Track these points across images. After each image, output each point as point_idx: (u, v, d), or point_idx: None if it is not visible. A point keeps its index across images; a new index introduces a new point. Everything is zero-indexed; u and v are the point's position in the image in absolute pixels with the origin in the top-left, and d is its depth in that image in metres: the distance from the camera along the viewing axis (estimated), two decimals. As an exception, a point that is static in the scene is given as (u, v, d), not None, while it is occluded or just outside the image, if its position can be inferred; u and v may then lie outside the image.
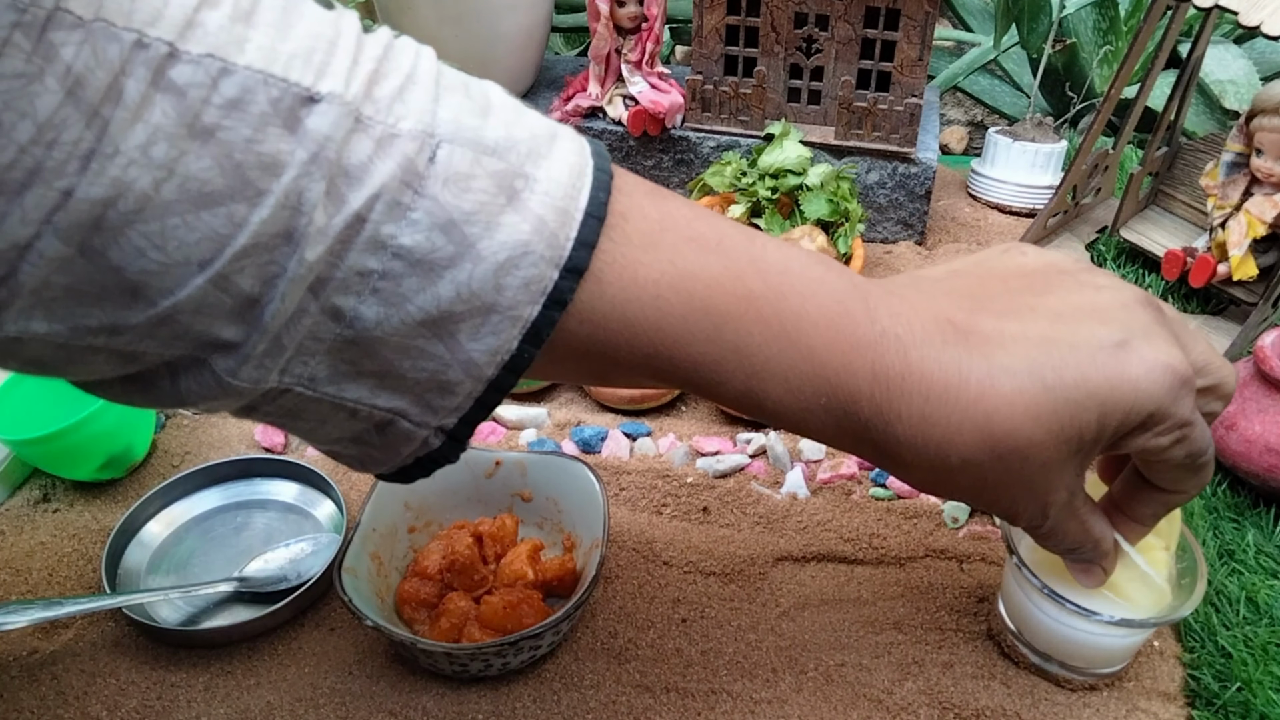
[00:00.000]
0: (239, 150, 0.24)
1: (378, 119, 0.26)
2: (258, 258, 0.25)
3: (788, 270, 0.31)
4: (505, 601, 0.48)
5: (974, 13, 1.39)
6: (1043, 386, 0.31)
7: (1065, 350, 0.32)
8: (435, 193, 0.26)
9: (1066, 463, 0.33)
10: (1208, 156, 0.78)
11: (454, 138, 0.27)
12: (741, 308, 0.30)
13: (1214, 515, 0.57)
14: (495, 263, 0.27)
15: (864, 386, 0.31)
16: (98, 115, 0.22)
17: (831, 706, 0.47)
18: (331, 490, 0.57)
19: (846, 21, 0.77)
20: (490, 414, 0.30)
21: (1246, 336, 0.69)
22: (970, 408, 0.31)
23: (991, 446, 0.31)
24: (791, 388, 0.31)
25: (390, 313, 0.27)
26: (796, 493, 0.59)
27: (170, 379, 0.27)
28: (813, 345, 0.31)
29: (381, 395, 0.29)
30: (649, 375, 0.31)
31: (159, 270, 0.24)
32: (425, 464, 0.31)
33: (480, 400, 0.29)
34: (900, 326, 0.32)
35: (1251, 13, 0.61)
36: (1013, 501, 0.34)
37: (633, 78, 0.83)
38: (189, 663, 0.49)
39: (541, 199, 0.27)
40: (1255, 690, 0.46)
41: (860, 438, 0.32)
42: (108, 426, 0.56)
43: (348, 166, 0.25)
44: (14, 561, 0.55)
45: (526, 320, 0.28)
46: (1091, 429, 0.32)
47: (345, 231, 0.25)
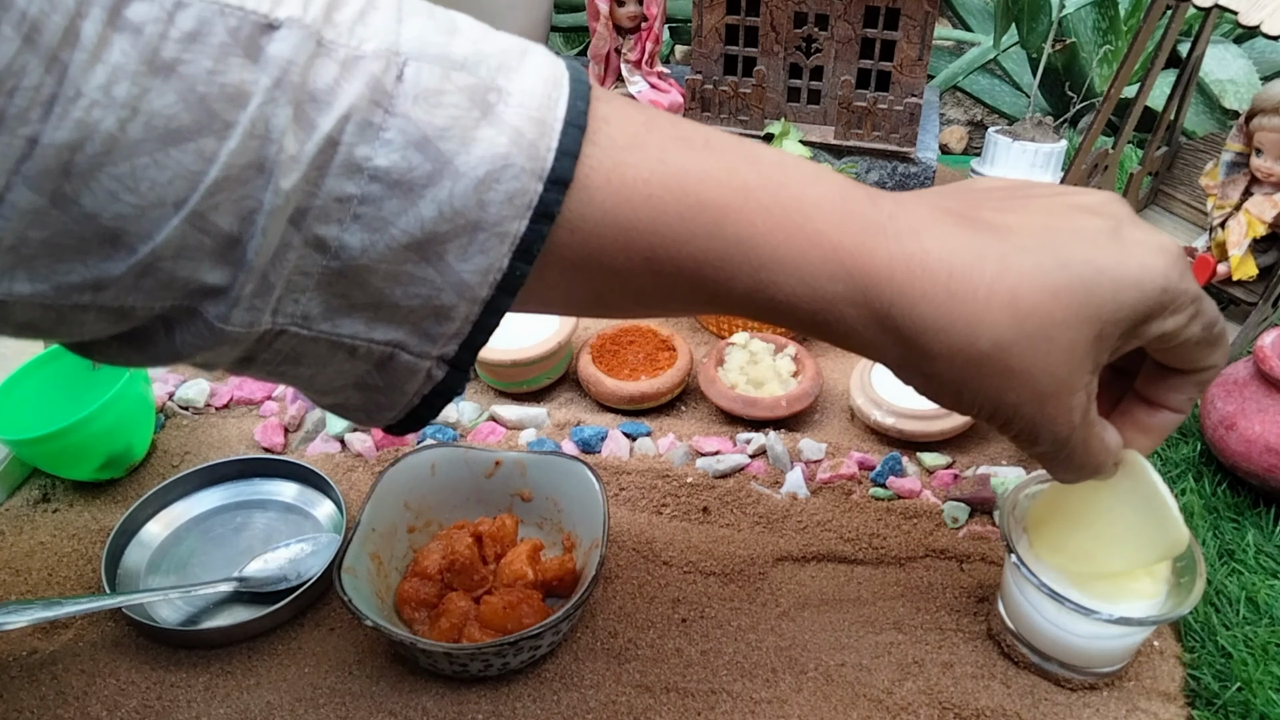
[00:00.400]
0: (201, 83, 0.24)
1: (340, 41, 0.26)
2: (232, 192, 0.25)
3: (782, 163, 0.31)
4: (505, 601, 0.48)
5: (974, 12, 1.39)
6: (1058, 263, 0.31)
7: (1069, 234, 0.32)
8: (406, 110, 0.26)
9: (1089, 349, 0.32)
10: (1207, 156, 0.78)
11: (420, 55, 0.26)
12: (740, 199, 0.29)
13: (1214, 515, 0.57)
14: (475, 178, 0.26)
15: (882, 268, 0.30)
16: (56, 59, 0.22)
17: (831, 706, 0.47)
18: (331, 490, 0.57)
19: (846, 21, 0.77)
20: (488, 338, 0.29)
21: (1246, 336, 0.69)
22: (995, 283, 0.30)
23: (1019, 323, 0.30)
24: (804, 276, 0.30)
25: (375, 238, 0.26)
26: (796, 493, 0.59)
27: (165, 333, 0.27)
28: (820, 229, 0.29)
29: (378, 328, 0.28)
30: (650, 285, 0.30)
31: (134, 214, 0.24)
32: (432, 400, 0.31)
33: (478, 324, 0.28)
34: (906, 212, 0.31)
35: (1251, 12, 0.61)
36: (1039, 404, 0.32)
37: (632, 77, 0.83)
38: (189, 663, 0.49)
39: (516, 110, 0.27)
40: (1255, 690, 0.46)
41: (883, 327, 0.30)
42: (108, 426, 0.56)
43: (314, 90, 0.25)
44: (14, 561, 0.55)
45: (515, 235, 0.27)
46: (1109, 306, 0.31)
47: (318, 157, 0.25)
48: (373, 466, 0.61)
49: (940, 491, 0.59)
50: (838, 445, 0.62)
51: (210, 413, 0.66)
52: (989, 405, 0.33)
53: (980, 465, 0.61)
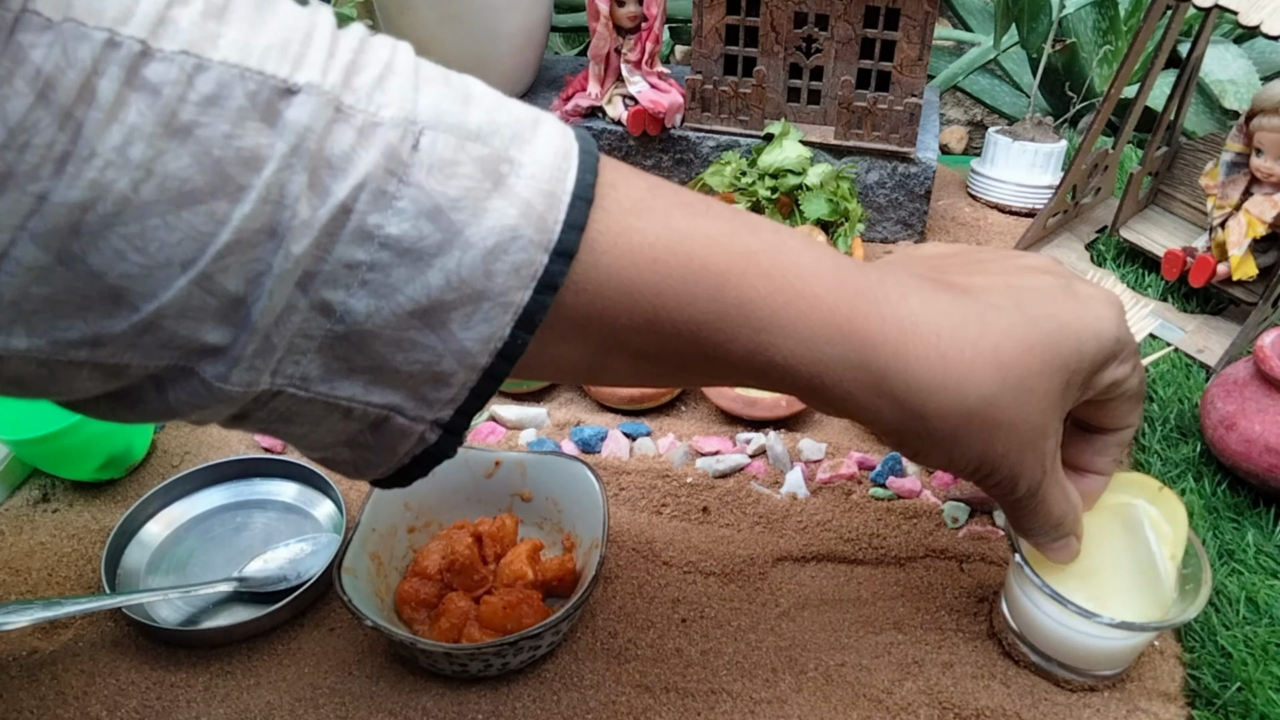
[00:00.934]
0: (218, 146, 0.24)
1: (358, 108, 0.25)
2: (241, 255, 0.24)
3: (778, 229, 0.32)
4: (505, 601, 0.48)
5: (974, 13, 1.39)
6: (1028, 319, 0.33)
7: (1031, 294, 0.35)
8: (420, 180, 0.26)
9: (1059, 397, 0.34)
10: (1207, 156, 0.78)
11: (437, 124, 0.26)
12: (741, 264, 0.30)
13: (1214, 515, 0.57)
14: (484, 249, 0.26)
15: (875, 332, 0.31)
16: (71, 117, 0.22)
17: (831, 706, 0.47)
18: (331, 490, 0.57)
19: (846, 21, 0.77)
20: (484, 404, 0.29)
21: (1246, 336, 0.69)
22: (979, 342, 0.32)
23: (1002, 378, 0.32)
24: (802, 339, 0.30)
25: (381, 304, 0.26)
26: (796, 493, 0.59)
27: (157, 391, 0.27)
28: (818, 293, 0.31)
29: (375, 391, 0.28)
30: (652, 349, 0.31)
31: (141, 274, 0.24)
32: (423, 461, 0.31)
33: (475, 390, 0.29)
34: (891, 278, 0.33)
35: (1251, 12, 0.61)
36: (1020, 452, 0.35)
37: (632, 77, 0.83)
38: (189, 663, 0.49)
39: (528, 183, 0.27)
40: (1255, 690, 0.46)
41: (880, 390, 0.32)
42: (108, 426, 0.56)
43: (330, 157, 0.25)
44: (14, 561, 0.55)
45: (518, 306, 0.27)
46: (1074, 357, 0.34)
47: (331, 223, 0.25)
48: (373, 466, 0.61)
49: (940, 491, 0.59)
50: (838, 445, 0.62)
51: (210, 413, 0.66)
52: (977, 458, 0.35)
53: (980, 465, 0.61)
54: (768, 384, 0.32)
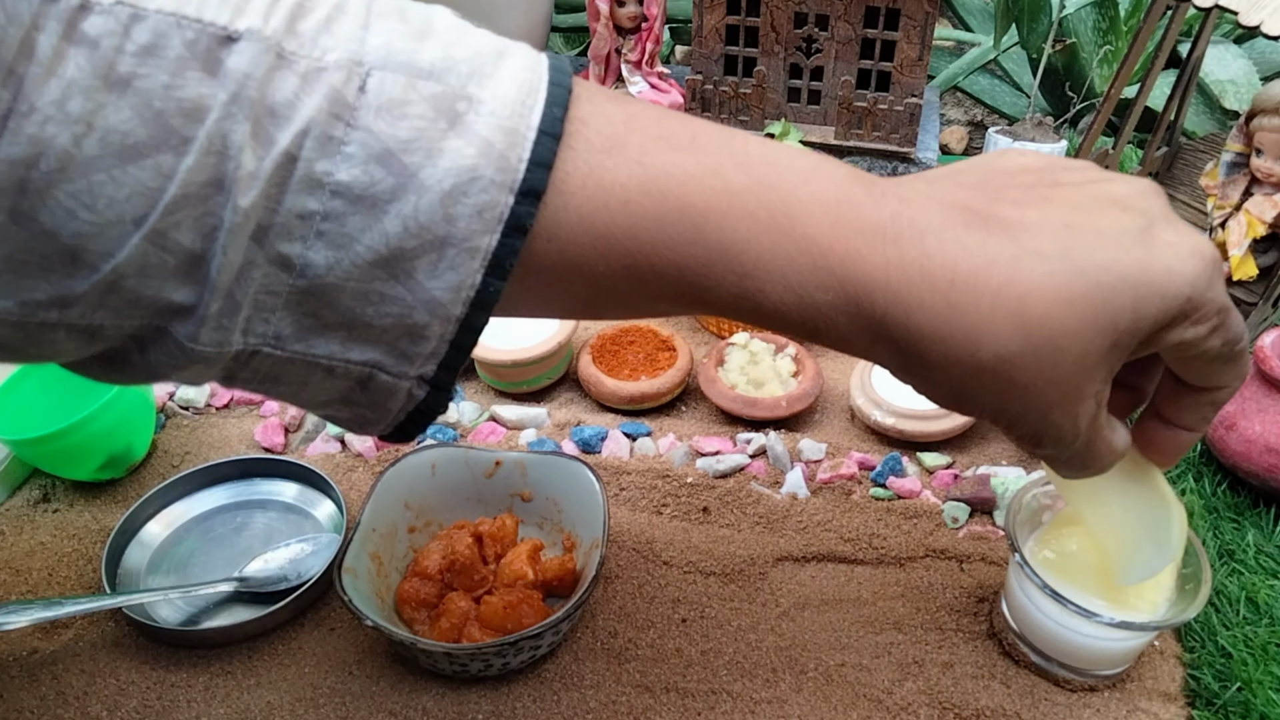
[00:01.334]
0: (158, 98, 0.23)
1: (302, 53, 0.25)
2: (192, 209, 0.24)
3: (774, 161, 0.29)
4: (505, 601, 0.48)
5: (974, 13, 1.39)
6: (1074, 269, 0.28)
7: (1091, 235, 0.29)
8: (368, 123, 0.25)
9: (1101, 359, 0.30)
10: (1208, 156, 0.78)
11: (385, 64, 0.26)
12: (723, 203, 0.28)
13: (1214, 515, 0.57)
14: (440, 191, 0.25)
15: (876, 275, 0.28)
16: (12, 74, 0.22)
17: (831, 706, 0.47)
18: (331, 490, 0.57)
19: (846, 21, 0.77)
20: (468, 355, 0.28)
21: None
22: (1001, 291, 0.28)
23: (1026, 334, 0.28)
24: (791, 285, 0.28)
25: (340, 256, 0.25)
26: (796, 493, 0.59)
27: (139, 353, 0.27)
28: (809, 234, 0.28)
29: (353, 348, 0.27)
30: (635, 292, 0.29)
31: (93, 231, 0.24)
32: (417, 418, 0.30)
33: (454, 343, 0.28)
34: (912, 210, 0.29)
35: (1251, 13, 0.61)
36: (1043, 413, 0.30)
37: (633, 77, 0.83)
38: (189, 663, 0.49)
39: (487, 120, 0.26)
40: (1255, 690, 0.46)
41: (877, 336, 0.29)
42: (108, 426, 0.56)
43: (272, 105, 0.24)
44: (14, 561, 0.55)
45: (486, 251, 0.26)
46: (1127, 316, 0.29)
47: (277, 173, 0.24)
48: (373, 466, 0.61)
49: (940, 491, 0.59)
50: (838, 445, 0.62)
51: (210, 413, 0.66)
52: (990, 411, 0.31)
53: (980, 465, 0.61)
54: (763, 325, 0.30)
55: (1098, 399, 0.32)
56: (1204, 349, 0.32)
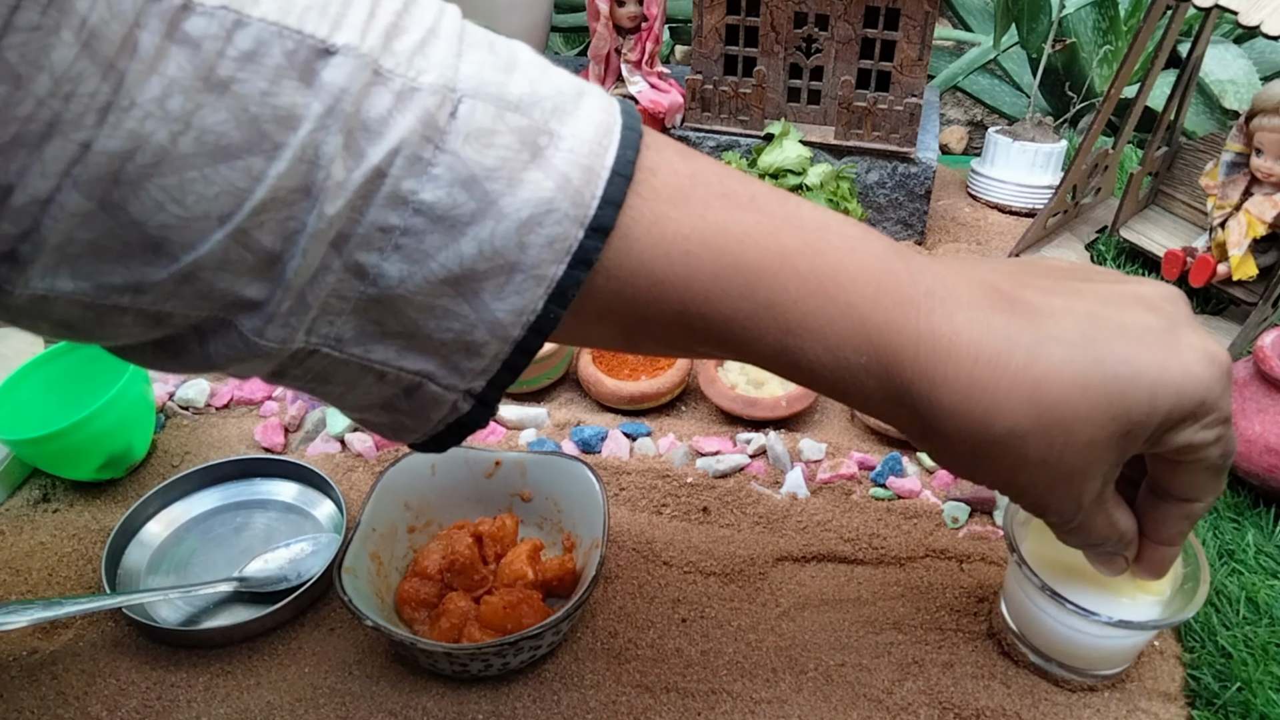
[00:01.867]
0: (254, 103, 0.24)
1: (397, 72, 0.26)
2: (277, 212, 0.25)
3: (826, 227, 0.30)
4: (505, 601, 0.48)
5: (974, 13, 1.39)
6: (1093, 358, 0.30)
7: (1114, 328, 0.31)
8: (456, 148, 0.26)
9: (1110, 446, 0.31)
10: (1208, 156, 0.78)
11: (476, 93, 0.27)
12: (777, 263, 0.29)
13: (1214, 515, 0.57)
14: (518, 220, 0.26)
15: (908, 346, 0.30)
16: (113, 68, 0.23)
17: (831, 706, 0.47)
18: (331, 490, 0.57)
19: (846, 21, 0.77)
20: (517, 377, 0.30)
21: (1246, 336, 0.69)
22: (1019, 374, 0.30)
23: (1038, 416, 0.30)
24: (830, 345, 0.30)
25: (413, 270, 0.26)
26: (796, 493, 0.59)
27: (199, 342, 0.27)
28: (852, 301, 0.30)
29: (408, 357, 0.28)
30: (679, 335, 0.30)
31: (179, 224, 0.24)
32: (455, 430, 0.31)
33: (507, 363, 0.29)
34: (945, 289, 0.30)
35: (1251, 12, 0.61)
36: (1048, 488, 0.32)
37: (632, 77, 0.83)
38: (189, 663, 0.49)
39: (566, 156, 0.27)
40: (1255, 690, 0.46)
41: (899, 402, 0.31)
42: (108, 426, 0.56)
43: (366, 120, 0.25)
44: (14, 561, 0.55)
45: (551, 280, 0.27)
46: (1141, 410, 0.30)
47: (365, 186, 0.25)
48: (373, 466, 0.61)
49: (940, 491, 0.59)
50: (838, 445, 0.62)
51: (210, 413, 0.66)
52: (1001, 483, 0.33)
53: (980, 465, 0.61)
54: (791, 378, 0.32)
55: (1104, 478, 0.33)
56: (1204, 455, 0.33)
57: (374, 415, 0.31)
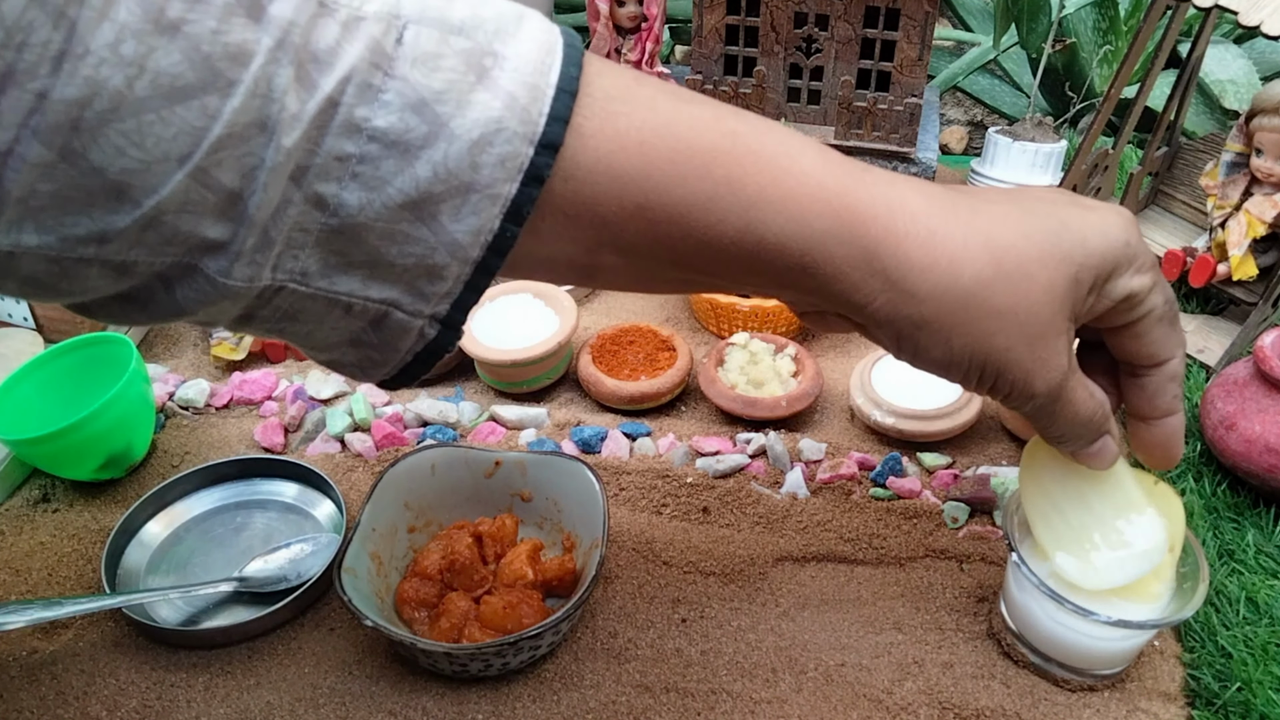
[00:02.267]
0: (206, 42, 0.24)
1: (342, 2, 0.26)
2: (234, 149, 0.25)
3: (764, 119, 0.32)
4: (505, 601, 0.48)
5: (974, 13, 1.39)
6: (1025, 210, 0.33)
7: (1032, 202, 0.34)
8: (405, 73, 0.26)
9: (1066, 290, 0.33)
10: (1208, 156, 0.78)
11: (420, 18, 0.27)
12: (728, 142, 0.30)
13: (1214, 515, 0.57)
14: (469, 140, 0.27)
15: (866, 207, 0.31)
16: (64, 16, 0.23)
17: (831, 706, 0.47)
18: (331, 490, 0.57)
19: (846, 21, 0.77)
20: (478, 297, 0.30)
21: (1246, 336, 0.69)
22: (971, 223, 0.32)
23: (997, 261, 0.32)
24: (791, 215, 0.30)
25: (372, 197, 0.27)
26: (796, 493, 0.59)
27: (166, 290, 0.28)
28: (806, 169, 0.31)
29: (373, 286, 0.29)
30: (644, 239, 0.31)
31: (140, 168, 0.25)
32: (424, 357, 0.31)
33: (469, 283, 0.29)
34: (884, 173, 0.33)
35: (1251, 13, 0.61)
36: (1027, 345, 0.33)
37: (633, 77, 0.83)
38: (189, 663, 0.49)
39: (511, 75, 0.27)
40: (1255, 690, 0.46)
41: (871, 265, 0.31)
42: (108, 426, 0.56)
43: (315, 51, 0.26)
44: (14, 561, 0.55)
45: (506, 198, 0.28)
46: (1078, 250, 0.33)
47: (319, 116, 0.26)
48: (373, 466, 0.61)
49: (940, 491, 0.59)
50: (838, 445, 0.62)
51: (210, 413, 0.66)
52: (980, 352, 0.33)
53: (980, 465, 0.61)
54: (759, 269, 0.32)
55: (1069, 338, 0.35)
56: (1150, 305, 0.36)
57: (342, 354, 0.32)
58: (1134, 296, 0.35)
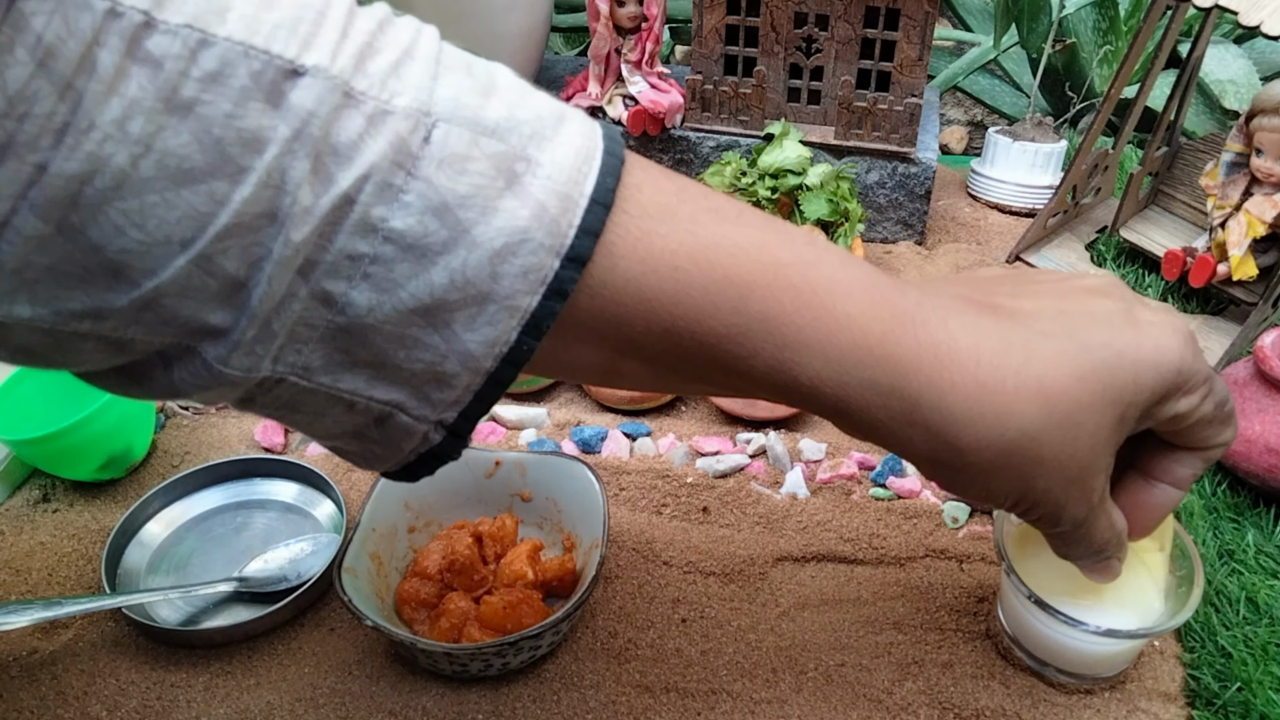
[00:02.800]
0: (219, 125, 0.23)
1: (370, 94, 0.25)
2: (241, 238, 0.24)
3: (813, 241, 0.30)
4: (505, 601, 0.48)
5: (974, 13, 1.39)
6: (1081, 347, 0.31)
7: (1085, 319, 0.32)
8: (429, 174, 0.25)
9: (1111, 431, 0.32)
10: (1208, 156, 0.78)
11: (451, 117, 0.26)
12: (769, 275, 0.28)
13: (1214, 515, 0.57)
14: (491, 250, 0.26)
15: (910, 356, 0.29)
16: (71, 88, 0.22)
17: (831, 706, 0.47)
18: (331, 490, 0.57)
19: (846, 21, 0.77)
20: (490, 408, 0.29)
21: (1246, 336, 0.69)
22: (1022, 370, 0.30)
23: (1049, 411, 0.30)
24: (829, 360, 0.29)
25: (382, 299, 0.26)
26: (796, 493, 0.59)
27: (164, 368, 0.27)
28: (849, 313, 0.29)
29: (378, 387, 0.28)
30: (668, 358, 0.29)
31: (140, 250, 0.24)
32: (428, 460, 0.30)
33: (479, 394, 0.28)
34: (931, 300, 0.31)
35: (1251, 13, 0.61)
36: (1064, 488, 0.32)
37: (632, 77, 0.83)
38: (189, 663, 0.49)
39: (543, 184, 0.26)
40: (1255, 690, 0.46)
41: (911, 418, 0.30)
42: (108, 426, 0.56)
43: (335, 144, 0.24)
44: (14, 561, 0.55)
45: (525, 311, 0.26)
46: (1129, 389, 0.31)
47: (333, 213, 0.25)
48: (373, 466, 0.61)
49: (940, 491, 0.59)
50: (838, 445, 0.62)
51: (210, 413, 0.66)
52: (1016, 494, 0.32)
53: (980, 465, 0.61)
54: (790, 402, 0.31)
55: (1106, 471, 0.34)
56: (1198, 416, 0.34)
57: (345, 443, 0.30)
58: (1180, 417, 0.34)
